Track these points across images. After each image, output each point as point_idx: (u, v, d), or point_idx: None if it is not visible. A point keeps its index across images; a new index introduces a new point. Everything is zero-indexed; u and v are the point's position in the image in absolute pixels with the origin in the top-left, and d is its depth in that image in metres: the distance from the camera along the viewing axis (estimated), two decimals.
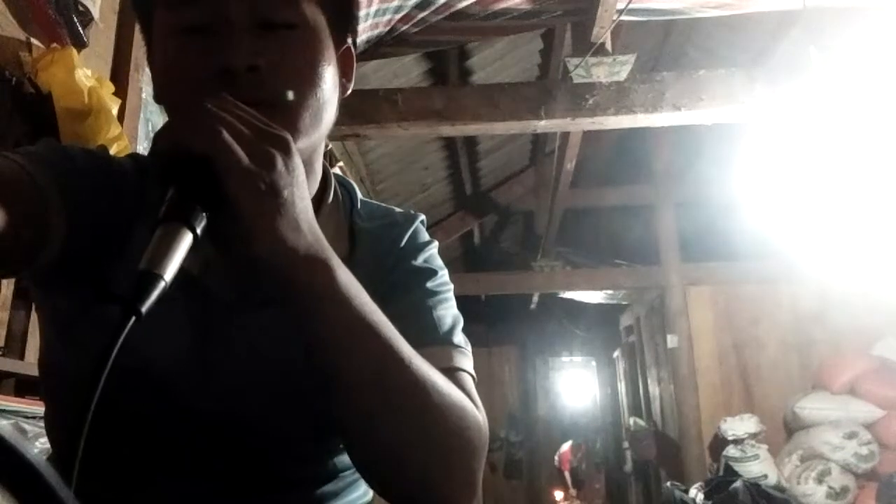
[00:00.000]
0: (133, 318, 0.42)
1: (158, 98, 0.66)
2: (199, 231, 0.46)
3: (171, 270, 0.44)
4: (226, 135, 0.47)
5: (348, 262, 0.67)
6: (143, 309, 0.42)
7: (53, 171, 0.59)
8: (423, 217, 0.79)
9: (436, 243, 0.77)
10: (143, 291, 0.43)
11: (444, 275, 0.74)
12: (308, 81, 0.62)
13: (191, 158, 0.47)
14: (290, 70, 0.61)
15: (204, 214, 0.47)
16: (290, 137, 0.52)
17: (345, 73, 0.70)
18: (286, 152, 0.51)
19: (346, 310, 0.53)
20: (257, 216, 0.48)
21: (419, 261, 0.73)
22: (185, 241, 0.45)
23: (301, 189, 0.52)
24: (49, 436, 0.70)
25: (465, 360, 0.67)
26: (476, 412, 0.61)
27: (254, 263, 0.50)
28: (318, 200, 0.71)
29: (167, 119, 0.62)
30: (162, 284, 0.43)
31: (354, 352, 0.54)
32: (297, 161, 0.52)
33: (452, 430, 0.58)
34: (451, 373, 0.63)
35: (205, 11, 0.60)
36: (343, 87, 0.70)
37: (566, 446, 8.42)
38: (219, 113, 0.49)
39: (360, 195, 0.77)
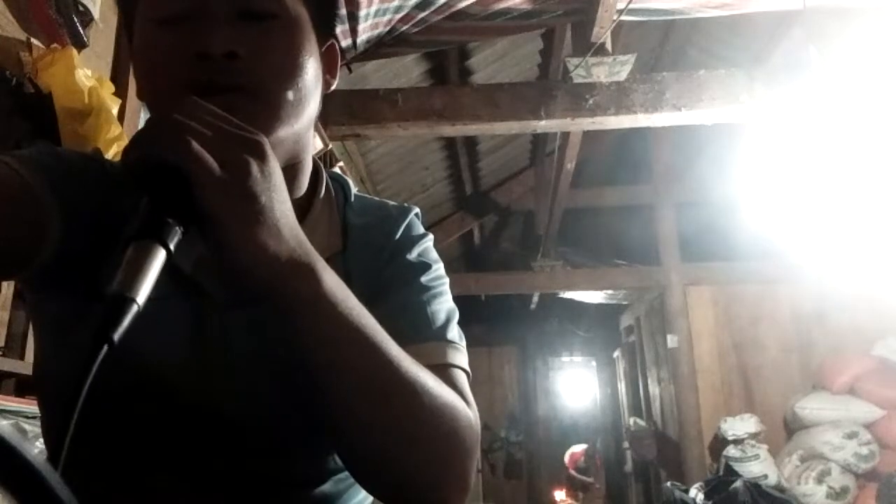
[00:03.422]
0: (105, 347, 0.40)
1: (140, 94, 0.65)
2: (172, 247, 0.45)
3: (143, 292, 0.42)
4: (195, 144, 0.46)
5: (342, 257, 0.66)
6: (116, 336, 0.40)
7: (47, 173, 0.59)
8: (417, 210, 0.78)
9: (430, 236, 0.77)
10: (115, 317, 0.41)
11: (438, 268, 0.73)
12: (289, 70, 0.61)
13: (162, 169, 0.45)
14: (270, 58, 0.60)
15: (178, 228, 0.45)
16: (265, 140, 0.51)
17: (329, 70, 0.70)
18: (261, 157, 0.49)
19: (333, 315, 0.53)
20: (234, 225, 0.47)
21: (413, 254, 0.72)
22: (158, 258, 0.43)
23: (279, 193, 0.50)
24: (45, 441, 0.70)
25: (459, 356, 0.66)
26: (468, 411, 0.60)
27: (237, 271, 0.49)
28: (310, 197, 0.70)
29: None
30: (134, 308, 0.41)
31: (342, 356, 0.53)
32: (274, 164, 0.51)
33: (444, 431, 0.57)
34: (444, 369, 0.63)
35: (185, 2, 0.60)
36: (326, 83, 0.69)
37: (579, 448, 8.39)
38: (186, 122, 0.47)
39: (353, 190, 0.77)
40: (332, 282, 0.53)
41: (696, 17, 3.22)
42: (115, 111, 1.76)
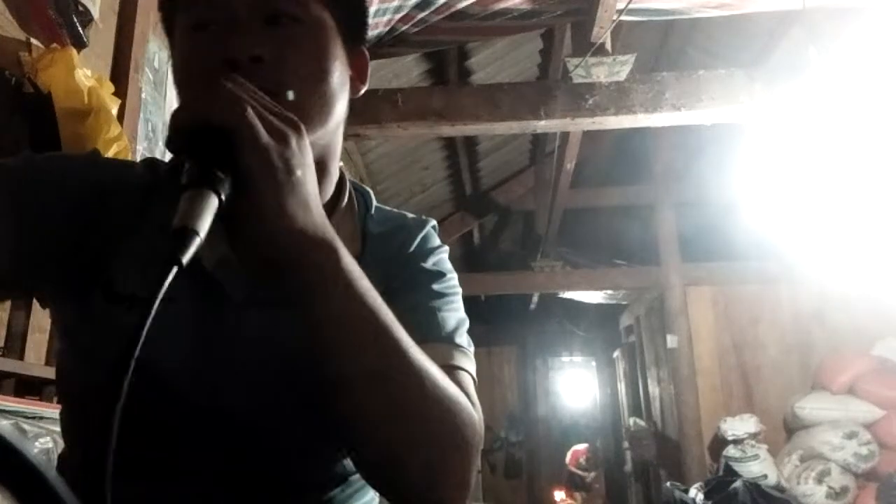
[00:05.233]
0: (175, 268, 0.43)
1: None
2: (223, 197, 0.46)
3: (204, 227, 0.44)
4: (249, 109, 0.48)
5: (358, 264, 0.67)
6: (185, 259, 0.43)
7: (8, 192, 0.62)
8: (434, 222, 0.80)
9: (446, 248, 0.78)
10: (182, 244, 0.43)
11: (452, 278, 0.74)
12: (313, 74, 0.63)
13: (210, 131, 0.47)
14: (295, 62, 0.62)
15: (228, 182, 0.47)
16: (299, 121, 0.53)
17: (359, 76, 0.72)
18: (298, 133, 0.52)
19: (350, 293, 0.54)
20: (271, 192, 0.49)
21: (428, 263, 0.74)
22: (212, 203, 0.46)
23: (312, 172, 0.53)
24: (64, 437, 0.71)
25: (466, 361, 0.67)
26: (472, 410, 0.60)
27: (259, 246, 0.50)
28: (333, 204, 0.72)
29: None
30: (198, 240, 0.44)
31: (353, 335, 0.54)
32: (308, 144, 0.53)
33: (447, 425, 0.57)
34: (451, 370, 0.63)
35: (214, 8, 0.62)
36: (355, 88, 0.71)
37: (581, 447, 8.39)
38: (239, 91, 0.50)
39: (375, 201, 0.78)
40: (350, 261, 0.55)
41: (696, 17, 3.22)
42: (114, 111, 1.76)
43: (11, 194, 0.62)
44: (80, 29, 1.76)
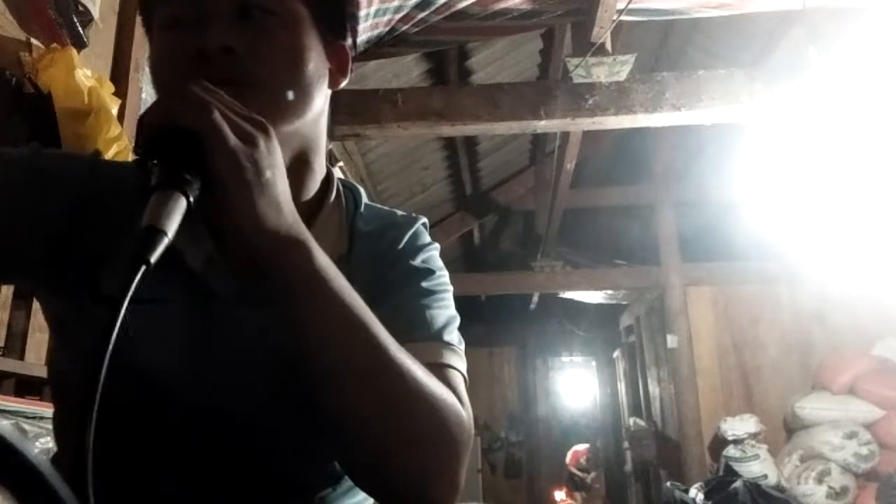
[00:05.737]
0: (143, 268, 0.43)
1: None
2: (192, 199, 0.47)
3: (172, 228, 0.45)
4: (216, 112, 0.49)
5: (346, 261, 0.67)
6: (152, 259, 0.43)
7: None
8: (424, 220, 0.79)
9: (436, 245, 0.77)
10: (149, 244, 0.43)
11: (441, 275, 0.73)
12: (285, 65, 0.63)
13: (178, 133, 0.48)
14: (266, 53, 0.62)
15: (197, 185, 0.47)
16: (267, 123, 0.53)
17: (339, 69, 0.71)
18: (266, 134, 0.52)
19: (326, 290, 0.54)
20: (241, 193, 0.49)
21: (417, 261, 0.73)
22: (181, 205, 0.46)
23: (282, 171, 0.53)
24: (55, 437, 0.71)
25: (455, 358, 0.66)
26: (459, 408, 0.60)
27: (233, 247, 0.51)
28: (319, 201, 0.71)
29: None
30: (165, 240, 0.44)
31: (331, 332, 0.54)
32: (277, 145, 0.53)
33: (433, 420, 0.57)
34: (439, 368, 0.62)
35: (187, 4, 0.62)
36: (335, 81, 0.70)
37: (582, 447, 8.38)
38: (206, 95, 0.50)
39: (364, 198, 0.78)
40: (324, 260, 0.55)
41: (696, 17, 3.21)
42: (115, 111, 1.76)
43: (14, 184, 0.62)
44: (80, 29, 1.76)
